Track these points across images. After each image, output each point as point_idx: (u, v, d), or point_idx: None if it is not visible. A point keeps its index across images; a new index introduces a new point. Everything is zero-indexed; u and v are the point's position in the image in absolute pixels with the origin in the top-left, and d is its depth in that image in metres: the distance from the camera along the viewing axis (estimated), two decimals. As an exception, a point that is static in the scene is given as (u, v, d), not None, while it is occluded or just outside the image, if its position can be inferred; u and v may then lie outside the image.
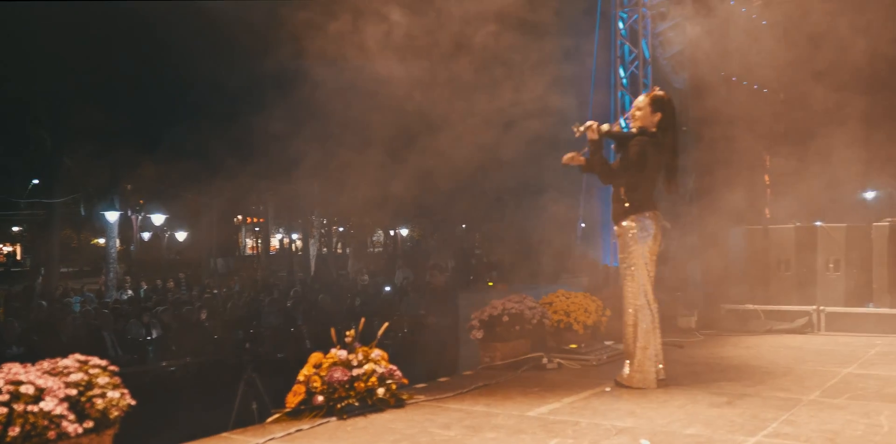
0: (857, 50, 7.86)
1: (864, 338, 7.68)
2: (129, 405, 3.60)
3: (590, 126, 5.45)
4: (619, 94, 10.86)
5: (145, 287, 22.09)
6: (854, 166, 8.67)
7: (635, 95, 10.67)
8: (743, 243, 9.19)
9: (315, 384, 4.79)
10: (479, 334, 6.64)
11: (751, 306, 8.73)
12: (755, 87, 9.69)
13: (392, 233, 43.03)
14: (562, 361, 6.44)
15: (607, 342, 7.12)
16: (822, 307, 8.36)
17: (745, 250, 9.15)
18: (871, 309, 8.24)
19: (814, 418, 4.43)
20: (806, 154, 9.04)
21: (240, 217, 45.47)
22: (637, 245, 5.39)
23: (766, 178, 10.02)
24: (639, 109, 5.50)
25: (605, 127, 5.48)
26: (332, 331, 5.12)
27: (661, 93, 5.56)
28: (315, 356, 4.99)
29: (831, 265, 8.55)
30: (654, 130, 5.45)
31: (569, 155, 5.63)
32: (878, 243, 8.32)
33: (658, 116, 5.45)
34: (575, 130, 5.48)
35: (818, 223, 8.83)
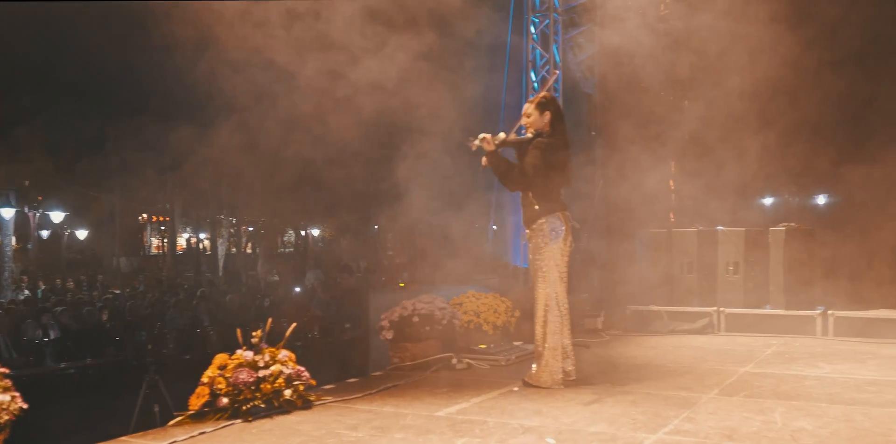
0: (758, 60, 8.16)
1: (761, 338, 7.98)
2: (21, 409, 3.45)
3: (484, 138, 5.48)
4: (530, 97, 10.99)
5: (43, 287, 21.27)
6: (753, 173, 8.98)
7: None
8: (647, 245, 9.44)
9: (219, 386, 4.69)
10: (388, 335, 6.62)
11: (654, 308, 8.96)
12: (661, 93, 9.94)
13: (303, 233, 42.54)
14: (471, 361, 6.48)
15: (516, 343, 7.20)
16: (722, 309, 8.64)
17: (649, 252, 9.40)
18: (767, 310, 8.57)
19: (712, 415, 4.57)
20: (709, 160, 9.33)
21: (145, 215, 44.19)
22: (548, 247, 5.46)
23: (671, 183, 10.30)
24: (527, 115, 5.56)
25: (501, 136, 5.52)
26: (238, 332, 5.02)
27: (543, 94, 5.66)
28: (220, 358, 4.89)
29: (731, 268, 8.86)
30: (548, 130, 5.53)
31: (482, 137, 5.58)
32: (775, 247, 8.66)
33: (547, 115, 5.52)
34: (470, 144, 5.48)
35: (719, 227, 9.13)
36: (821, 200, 9.54)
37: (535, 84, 11.02)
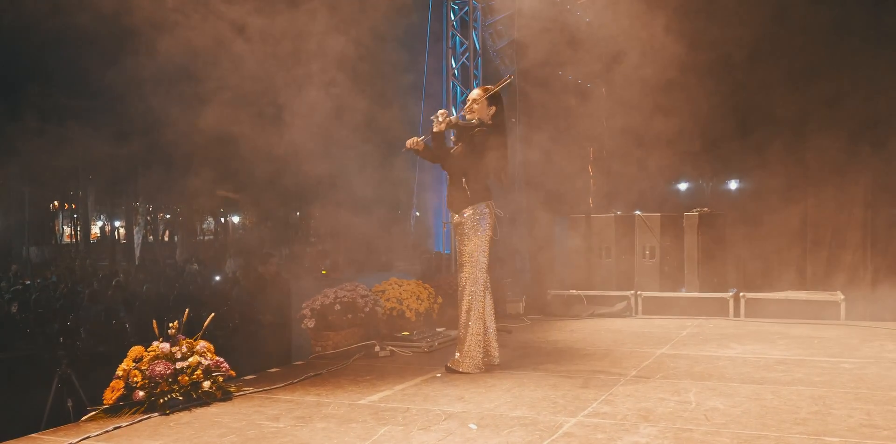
0: (666, 50, 8.34)
1: (676, 320, 8.21)
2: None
3: (444, 113, 5.56)
4: (450, 84, 11.01)
5: (-53, 278, 20.35)
6: (669, 159, 9.19)
7: (466, 86, 10.85)
8: (567, 231, 9.58)
9: (135, 379, 4.58)
10: (310, 323, 6.57)
11: (574, 292, 9.12)
12: (579, 81, 10.07)
13: (223, 220, 41.77)
14: (394, 348, 6.49)
15: (439, 329, 7.24)
16: (639, 292, 8.86)
17: (569, 237, 9.55)
18: (682, 293, 8.81)
19: (630, 397, 4.68)
20: (627, 146, 9.50)
21: (56, 203, 42.68)
22: (475, 234, 5.54)
23: (590, 169, 10.46)
24: (475, 101, 5.67)
25: (453, 119, 5.60)
26: (154, 323, 4.91)
27: (497, 90, 5.73)
28: (135, 350, 4.77)
29: (647, 252, 9.06)
30: (489, 121, 5.62)
31: (413, 140, 5.71)
32: (689, 232, 8.89)
33: (493, 109, 5.68)
34: (435, 121, 5.55)
35: (637, 212, 9.33)
36: (732, 185, 9.81)
37: (456, 71, 11.01)
